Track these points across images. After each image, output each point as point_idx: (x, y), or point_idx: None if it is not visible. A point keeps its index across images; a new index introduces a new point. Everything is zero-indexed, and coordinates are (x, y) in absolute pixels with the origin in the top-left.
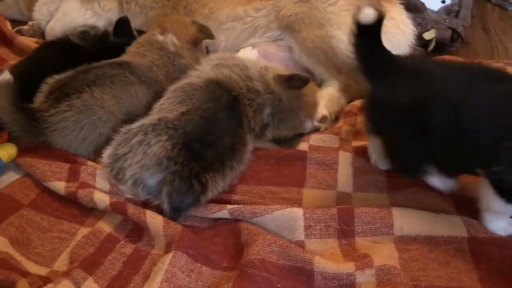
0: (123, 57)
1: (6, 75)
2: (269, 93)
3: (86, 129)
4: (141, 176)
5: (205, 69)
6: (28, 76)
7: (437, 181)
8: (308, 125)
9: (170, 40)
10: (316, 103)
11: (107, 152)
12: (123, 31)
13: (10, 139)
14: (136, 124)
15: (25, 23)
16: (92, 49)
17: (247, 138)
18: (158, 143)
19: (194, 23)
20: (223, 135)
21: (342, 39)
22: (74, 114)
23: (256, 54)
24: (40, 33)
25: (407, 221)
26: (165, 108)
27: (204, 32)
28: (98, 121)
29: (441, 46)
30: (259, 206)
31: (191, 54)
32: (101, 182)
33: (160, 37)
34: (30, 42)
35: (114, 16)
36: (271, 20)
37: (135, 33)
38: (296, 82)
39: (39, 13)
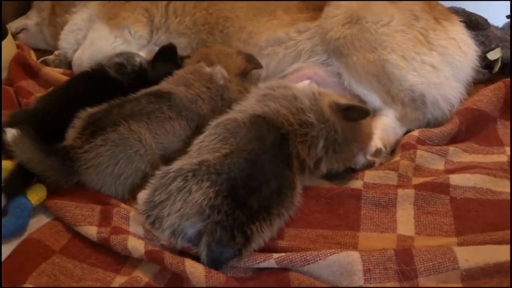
0: (167, 85)
1: (10, 131)
2: (323, 123)
3: (122, 163)
4: (181, 226)
5: (249, 103)
6: (59, 109)
7: None
8: (361, 159)
9: (219, 72)
10: (372, 134)
11: (142, 197)
12: (168, 59)
13: (39, 180)
14: (174, 167)
15: (50, 52)
16: (128, 84)
17: (296, 180)
18: (200, 190)
19: (240, 53)
20: (268, 178)
21: (397, 64)
22: (109, 148)
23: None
24: (67, 63)
25: (471, 253)
26: (206, 146)
27: (253, 62)
28: (134, 155)
29: (507, 66)
30: (310, 252)
31: (239, 87)
32: (135, 226)
33: (208, 69)
34: (56, 73)
35: (145, 43)
36: (316, 44)
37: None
38: (355, 114)
39: (65, 41)
